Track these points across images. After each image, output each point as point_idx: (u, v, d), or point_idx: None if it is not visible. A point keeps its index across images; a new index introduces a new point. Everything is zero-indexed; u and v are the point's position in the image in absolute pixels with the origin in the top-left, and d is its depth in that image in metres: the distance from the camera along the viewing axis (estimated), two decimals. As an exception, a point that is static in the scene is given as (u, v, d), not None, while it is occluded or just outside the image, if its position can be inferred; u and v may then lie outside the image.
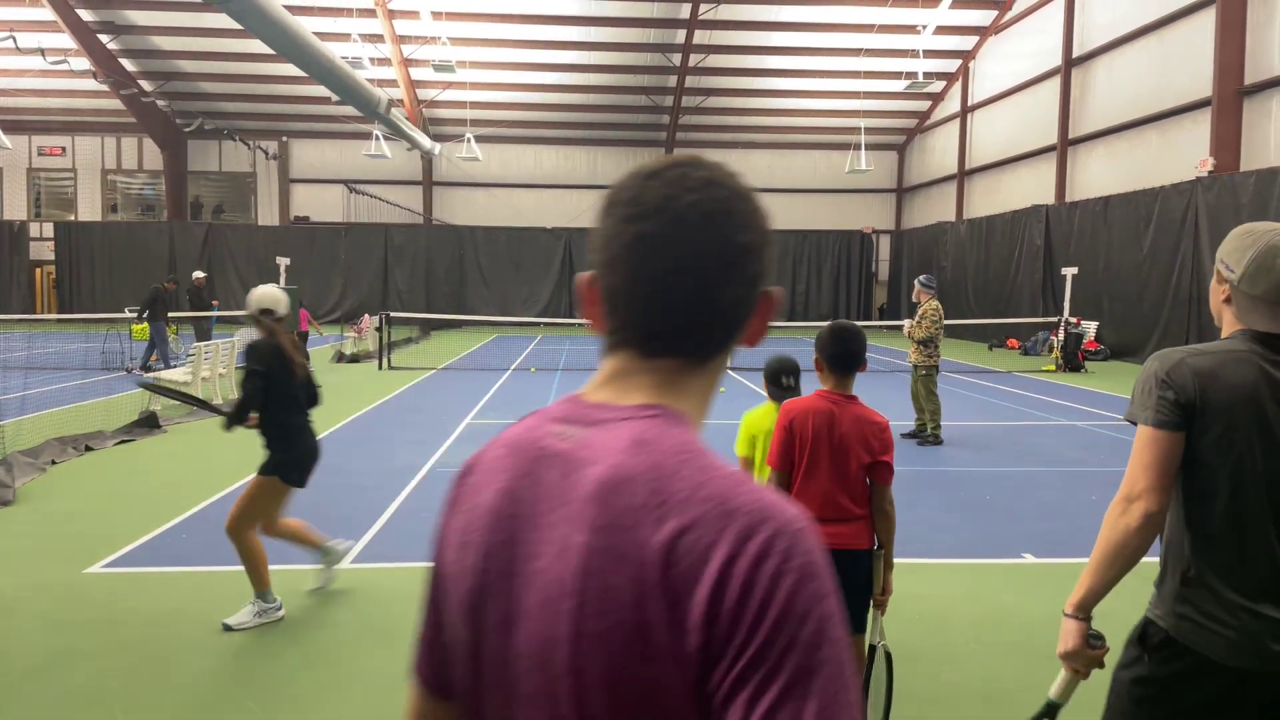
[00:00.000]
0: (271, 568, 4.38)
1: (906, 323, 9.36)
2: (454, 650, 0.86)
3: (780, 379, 3.52)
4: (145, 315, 15.36)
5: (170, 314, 15.76)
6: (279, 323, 4.51)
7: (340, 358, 17.66)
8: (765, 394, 3.60)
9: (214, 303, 19.44)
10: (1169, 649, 1.83)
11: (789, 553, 0.70)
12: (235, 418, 4.30)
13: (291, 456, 4.41)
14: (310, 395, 4.56)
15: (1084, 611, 1.91)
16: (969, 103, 28.34)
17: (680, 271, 0.80)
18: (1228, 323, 1.90)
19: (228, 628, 4.20)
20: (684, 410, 0.83)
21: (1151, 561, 1.90)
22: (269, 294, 4.53)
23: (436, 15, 25.04)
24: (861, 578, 2.98)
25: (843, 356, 3.00)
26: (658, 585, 0.70)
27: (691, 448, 0.77)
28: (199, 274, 18.51)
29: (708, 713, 0.69)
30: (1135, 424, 1.86)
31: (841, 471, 2.92)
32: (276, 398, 4.36)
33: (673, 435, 0.78)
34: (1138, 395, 1.88)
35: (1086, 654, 1.91)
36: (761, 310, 0.86)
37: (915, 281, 9.37)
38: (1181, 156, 18.27)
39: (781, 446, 2.98)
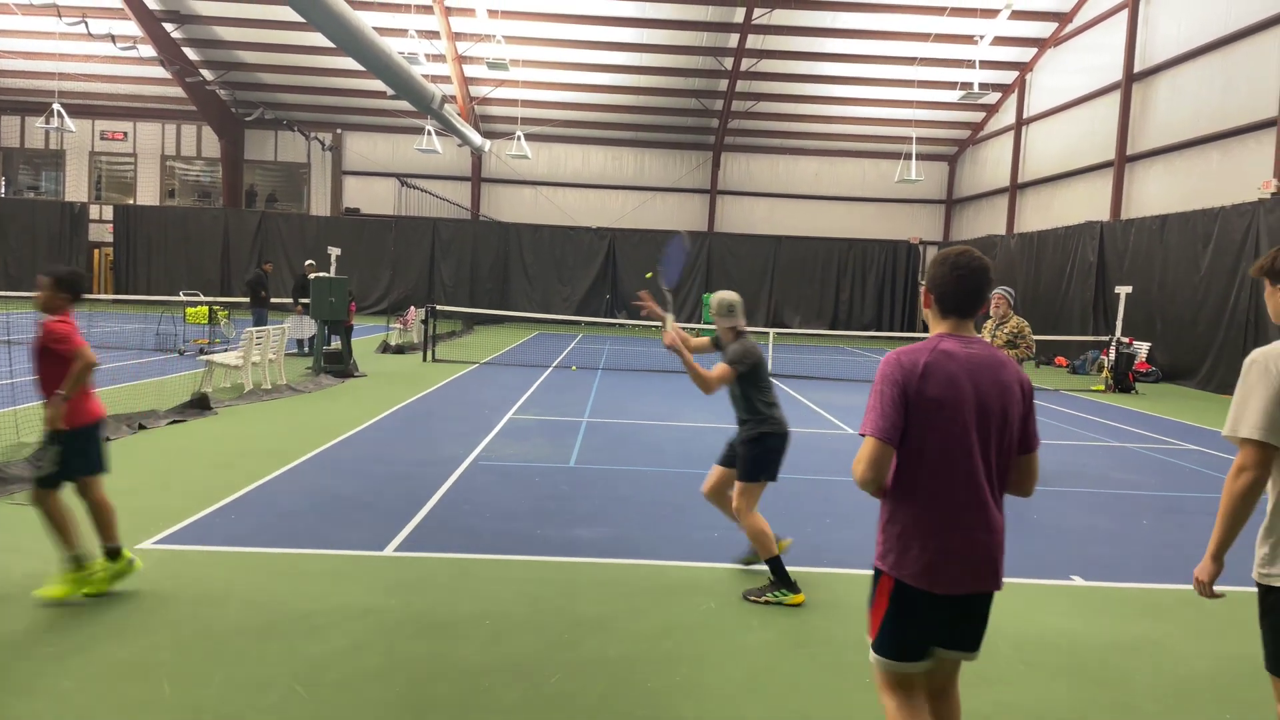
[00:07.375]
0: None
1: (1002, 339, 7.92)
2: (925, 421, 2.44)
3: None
4: (254, 298, 16.35)
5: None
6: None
7: (385, 348, 17.92)
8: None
9: (261, 294, 19.65)
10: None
11: None
12: None
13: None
14: None
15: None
16: (1024, 115, 27.83)
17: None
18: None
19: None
20: None
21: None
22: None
23: (492, 13, 25.29)
24: None
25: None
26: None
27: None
28: (310, 262, 17.73)
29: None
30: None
31: None
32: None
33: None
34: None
35: None
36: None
37: (1000, 290, 8.01)
38: (1244, 177, 17.74)
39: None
